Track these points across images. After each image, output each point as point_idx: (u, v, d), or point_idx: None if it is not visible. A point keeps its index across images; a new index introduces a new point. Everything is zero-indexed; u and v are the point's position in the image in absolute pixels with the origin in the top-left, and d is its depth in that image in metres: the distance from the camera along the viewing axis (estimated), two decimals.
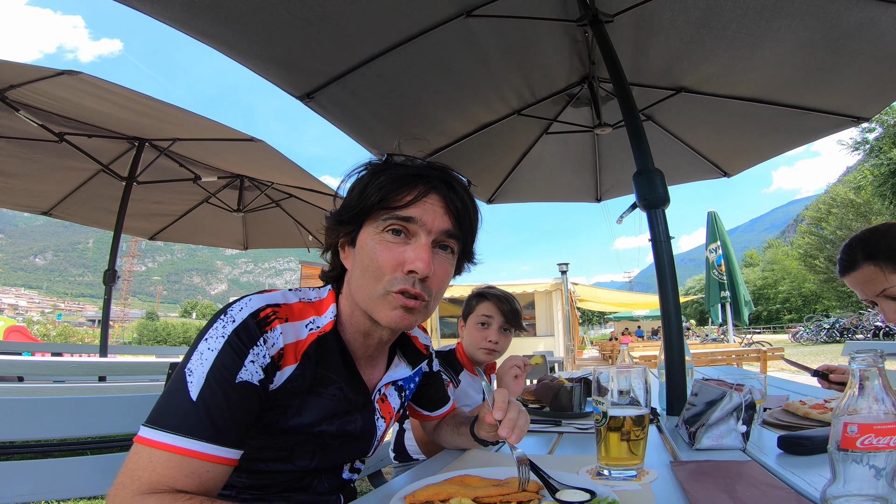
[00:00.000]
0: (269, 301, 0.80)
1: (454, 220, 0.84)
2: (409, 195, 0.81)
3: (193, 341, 0.76)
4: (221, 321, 0.76)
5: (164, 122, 3.61)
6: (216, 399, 0.70)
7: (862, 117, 2.94)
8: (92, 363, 3.78)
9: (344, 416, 0.89)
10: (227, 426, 0.70)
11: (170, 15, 1.82)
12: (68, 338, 32.73)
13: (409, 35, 2.28)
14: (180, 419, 0.68)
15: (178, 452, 0.67)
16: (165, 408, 0.70)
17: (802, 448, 0.96)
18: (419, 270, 0.79)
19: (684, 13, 2.32)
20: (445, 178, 0.86)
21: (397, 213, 0.81)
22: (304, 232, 5.51)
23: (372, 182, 0.83)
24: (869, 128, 27.73)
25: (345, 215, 0.86)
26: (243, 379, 0.73)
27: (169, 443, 0.67)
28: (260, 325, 0.77)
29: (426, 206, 0.82)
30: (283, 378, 0.80)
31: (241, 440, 0.73)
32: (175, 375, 0.73)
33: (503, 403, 0.87)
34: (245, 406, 0.73)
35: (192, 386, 0.70)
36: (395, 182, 0.82)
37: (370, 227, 0.84)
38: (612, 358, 15.02)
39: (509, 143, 3.52)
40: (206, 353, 0.73)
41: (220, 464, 0.70)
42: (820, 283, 37.88)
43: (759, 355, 7.32)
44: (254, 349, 0.75)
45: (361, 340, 0.91)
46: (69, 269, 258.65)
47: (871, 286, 1.33)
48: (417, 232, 0.82)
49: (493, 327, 1.79)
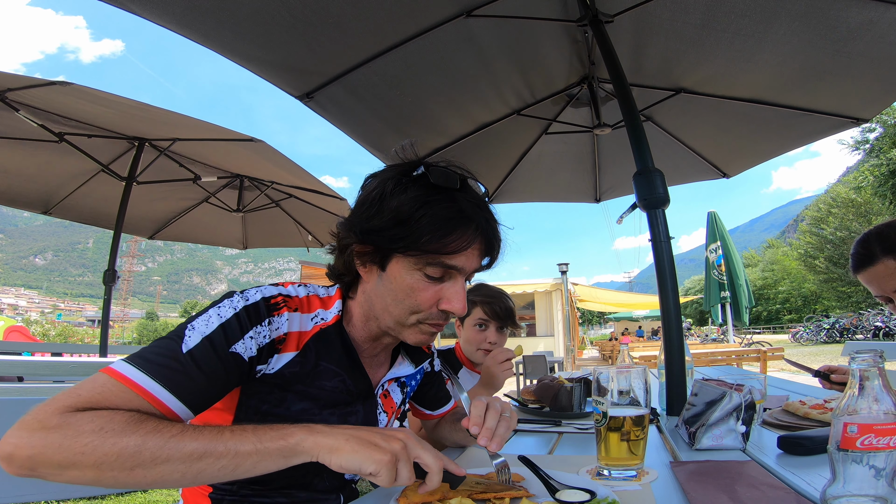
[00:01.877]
0: (283, 291, 0.84)
1: (488, 260, 0.88)
2: (458, 243, 0.79)
3: (205, 308, 0.78)
4: (237, 296, 0.79)
5: (162, 123, 3.61)
6: (204, 361, 0.71)
7: (862, 118, 2.94)
8: (92, 363, 3.78)
9: (344, 406, 0.90)
10: (198, 387, 0.71)
11: (169, 18, 1.82)
12: (68, 338, 32.73)
13: (408, 35, 2.28)
14: (160, 363, 0.68)
15: (134, 389, 0.66)
16: (150, 350, 0.71)
17: (802, 448, 0.96)
18: (457, 312, 0.84)
19: (684, 14, 2.32)
20: (489, 218, 0.85)
21: (443, 261, 0.80)
22: (304, 232, 5.52)
23: (415, 215, 0.77)
24: (869, 128, 27.77)
25: (380, 240, 0.80)
26: (236, 351, 0.74)
27: (133, 379, 0.66)
28: (269, 309, 0.80)
29: (469, 253, 0.82)
30: (281, 363, 0.81)
31: (200, 407, 0.72)
32: (177, 327, 0.74)
33: (479, 418, 0.84)
34: (225, 377, 0.74)
35: (189, 340, 0.71)
36: (444, 226, 0.78)
37: (408, 258, 0.81)
38: (612, 358, 15.02)
39: (509, 143, 3.52)
40: (213, 318, 0.75)
41: (166, 415, 0.68)
42: (820, 283, 37.85)
43: (759, 355, 7.33)
44: (257, 328, 0.77)
45: (370, 343, 0.93)
46: (69, 269, 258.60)
47: (887, 282, 1.30)
48: (456, 275, 0.84)
49: (491, 329, 1.84)
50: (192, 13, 1.82)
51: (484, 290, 1.87)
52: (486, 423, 0.84)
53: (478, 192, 0.88)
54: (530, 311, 15.03)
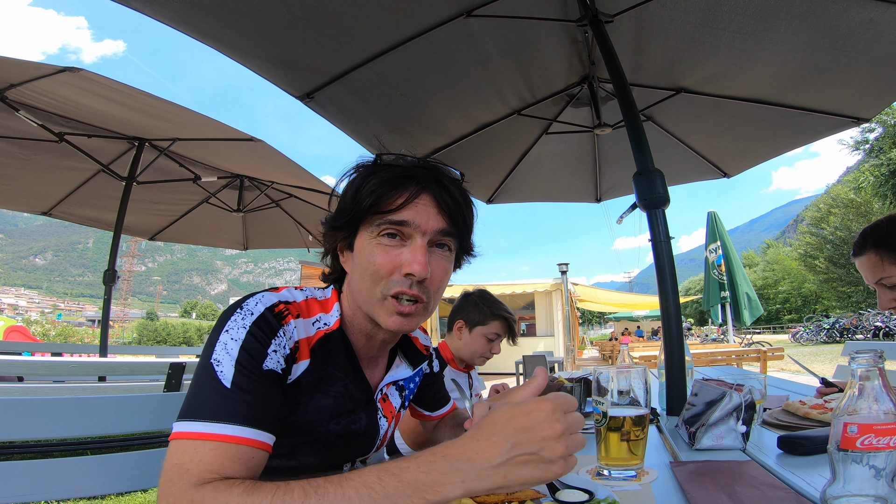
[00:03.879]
0: (281, 298, 0.82)
1: (448, 218, 0.84)
2: (401, 198, 0.81)
3: (210, 336, 0.76)
4: (239, 313, 0.76)
5: (164, 120, 3.61)
6: (250, 385, 0.70)
7: (862, 118, 2.94)
8: (92, 363, 3.78)
9: (349, 414, 0.89)
10: (262, 411, 0.70)
11: (169, 15, 1.82)
12: (68, 338, 32.70)
13: (409, 35, 2.28)
14: (218, 407, 0.67)
15: (222, 440, 0.66)
16: (198, 400, 0.69)
17: (802, 448, 0.97)
18: (416, 273, 0.79)
19: (684, 13, 2.32)
20: (436, 177, 0.85)
21: (390, 218, 0.81)
22: (304, 232, 5.51)
23: (363, 186, 0.83)
24: (869, 128, 27.75)
25: (339, 221, 0.86)
26: (269, 367, 0.74)
27: (211, 432, 0.66)
28: (277, 318, 0.78)
29: (419, 207, 0.82)
30: (298, 371, 0.81)
31: (275, 426, 0.72)
32: (200, 368, 0.72)
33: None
34: (275, 392, 0.74)
35: (223, 375, 0.70)
36: (386, 185, 0.82)
37: (366, 231, 0.84)
38: (612, 358, 15.02)
39: (509, 143, 3.52)
40: (230, 344, 0.73)
41: (261, 449, 0.69)
42: (820, 283, 37.82)
43: (759, 355, 7.33)
44: (275, 340, 0.76)
45: (364, 341, 0.92)
46: (69, 269, 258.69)
47: (871, 273, 1.38)
48: (412, 234, 0.82)
49: (498, 342, 1.92)
50: (192, 10, 1.82)
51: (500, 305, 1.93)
52: None
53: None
54: (530, 311, 15.02)
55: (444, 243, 0.85)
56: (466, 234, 0.90)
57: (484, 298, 1.92)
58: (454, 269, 0.94)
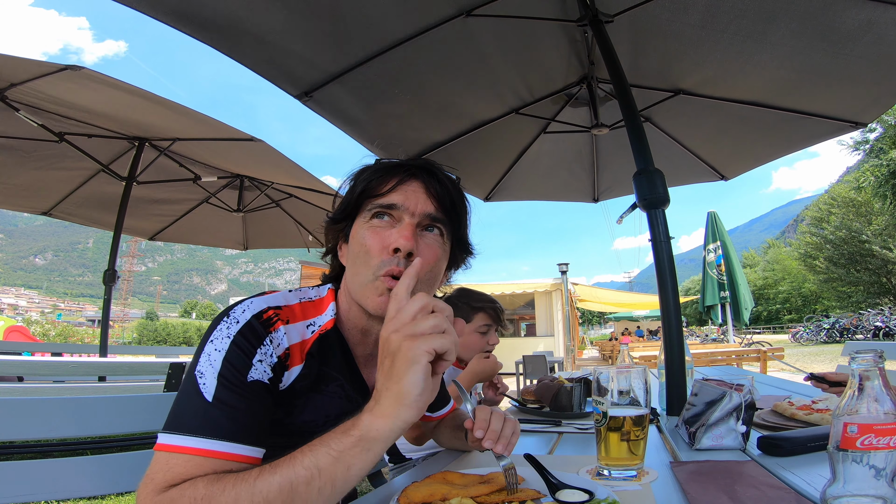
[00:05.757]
0: (271, 303, 0.81)
1: (437, 202, 0.86)
2: (391, 182, 0.86)
3: (199, 344, 0.76)
4: (225, 322, 0.76)
5: (164, 119, 3.60)
6: (232, 398, 0.70)
7: (860, 122, 2.93)
8: (92, 363, 3.78)
9: (346, 415, 0.89)
10: (245, 424, 0.70)
11: (167, 13, 1.82)
12: (68, 338, 32.66)
13: (408, 34, 2.28)
14: (199, 420, 0.68)
15: (197, 454, 0.66)
16: (180, 412, 0.70)
17: (780, 449, 0.97)
18: (402, 247, 0.80)
19: (683, 14, 2.32)
20: (425, 166, 0.89)
21: (380, 202, 0.85)
22: (304, 232, 5.51)
23: (357, 179, 0.90)
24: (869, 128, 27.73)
25: (337, 215, 0.92)
26: (254, 378, 0.73)
27: (187, 445, 0.66)
28: (264, 326, 0.77)
29: (407, 191, 0.85)
30: (291, 378, 0.81)
31: (261, 438, 0.73)
32: (185, 379, 0.72)
33: (484, 421, 0.86)
34: (260, 404, 0.74)
35: (206, 387, 0.70)
36: (377, 173, 0.88)
37: (359, 219, 0.88)
38: (612, 358, 15.01)
39: (507, 142, 3.52)
40: (213, 355, 0.72)
41: (243, 462, 0.69)
42: (820, 283, 37.81)
43: (759, 355, 7.33)
44: (261, 349, 0.75)
45: (360, 338, 0.91)
46: (69, 269, 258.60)
47: None
48: (402, 216, 0.84)
49: (492, 332, 1.90)
50: (189, 7, 1.82)
51: (478, 296, 1.91)
52: (492, 426, 0.85)
53: None
54: (530, 311, 15.02)
55: (433, 226, 0.87)
56: (458, 223, 0.91)
57: (463, 295, 1.90)
58: (453, 267, 0.94)
